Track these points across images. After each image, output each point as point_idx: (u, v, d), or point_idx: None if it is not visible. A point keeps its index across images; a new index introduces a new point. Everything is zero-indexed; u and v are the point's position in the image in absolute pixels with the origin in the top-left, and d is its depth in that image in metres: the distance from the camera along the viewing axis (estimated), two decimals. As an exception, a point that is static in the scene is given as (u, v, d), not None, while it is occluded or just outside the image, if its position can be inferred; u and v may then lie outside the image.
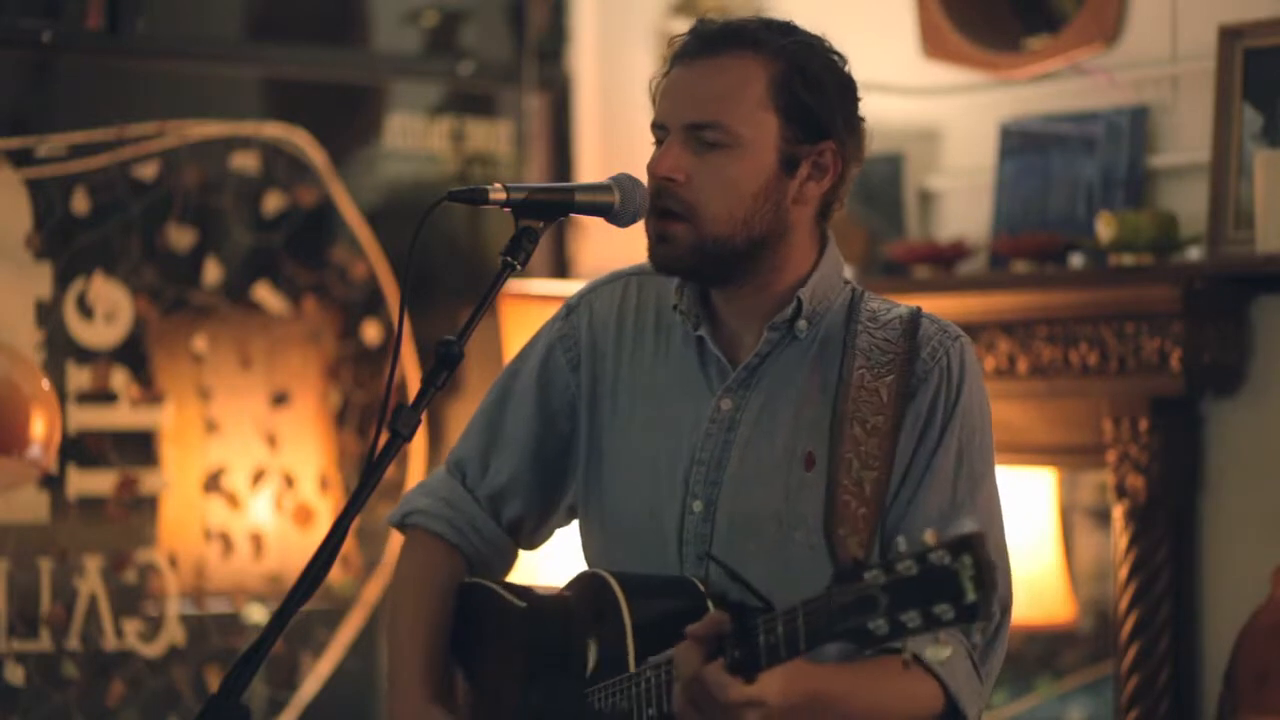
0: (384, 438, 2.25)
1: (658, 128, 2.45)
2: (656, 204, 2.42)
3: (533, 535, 2.70)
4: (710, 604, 2.37)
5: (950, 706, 2.36)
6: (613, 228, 2.44)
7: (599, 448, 2.57)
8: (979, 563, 1.95)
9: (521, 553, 2.73)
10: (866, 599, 2.02)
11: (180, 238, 4.44)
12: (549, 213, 2.38)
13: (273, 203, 4.57)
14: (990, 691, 2.43)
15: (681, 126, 2.42)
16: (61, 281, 4.28)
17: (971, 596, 1.95)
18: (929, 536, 1.99)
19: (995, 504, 2.45)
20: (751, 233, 2.42)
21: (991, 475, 2.46)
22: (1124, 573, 3.84)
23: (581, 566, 2.56)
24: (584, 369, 2.59)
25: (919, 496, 2.39)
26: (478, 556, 2.65)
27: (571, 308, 2.64)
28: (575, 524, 2.67)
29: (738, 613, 2.18)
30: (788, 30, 2.46)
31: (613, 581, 2.39)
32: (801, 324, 2.46)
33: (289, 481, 4.56)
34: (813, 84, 2.42)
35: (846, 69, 2.46)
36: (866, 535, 2.32)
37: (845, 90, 2.46)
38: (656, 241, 2.44)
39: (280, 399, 4.57)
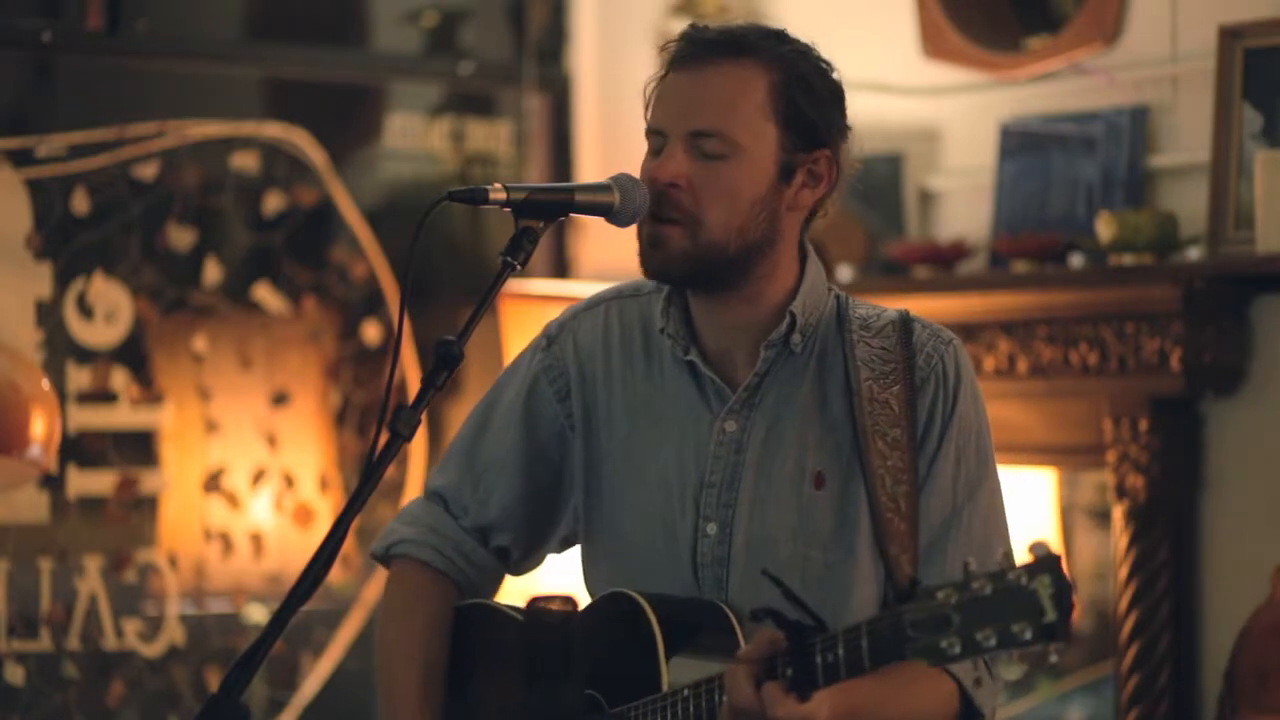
0: (384, 438, 2.24)
1: (655, 133, 2.44)
2: (654, 210, 2.40)
3: (520, 564, 2.67)
4: (737, 628, 2.37)
5: (966, 704, 2.37)
6: (613, 228, 2.43)
7: (598, 475, 2.55)
8: (1058, 582, 1.95)
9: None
10: (939, 618, 2.01)
11: (180, 238, 4.44)
12: (549, 213, 2.37)
13: (273, 203, 4.57)
14: (1001, 688, 2.44)
15: (682, 134, 2.41)
16: (61, 281, 4.28)
17: (1051, 616, 1.95)
18: (1001, 558, 1.99)
19: (997, 507, 2.46)
20: (745, 240, 2.41)
21: (991, 478, 2.46)
22: (1124, 573, 3.84)
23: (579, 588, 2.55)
24: (574, 399, 2.57)
25: (920, 503, 2.40)
26: (467, 583, 2.62)
27: (552, 338, 2.61)
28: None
29: (793, 632, 2.17)
30: (782, 38, 2.46)
31: (643, 602, 2.38)
32: (796, 339, 2.46)
33: (289, 481, 4.56)
34: (810, 92, 2.42)
35: (836, 76, 2.47)
36: (913, 552, 2.33)
37: (838, 98, 2.47)
38: (649, 246, 2.42)
39: (280, 399, 4.57)
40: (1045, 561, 1.97)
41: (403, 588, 2.62)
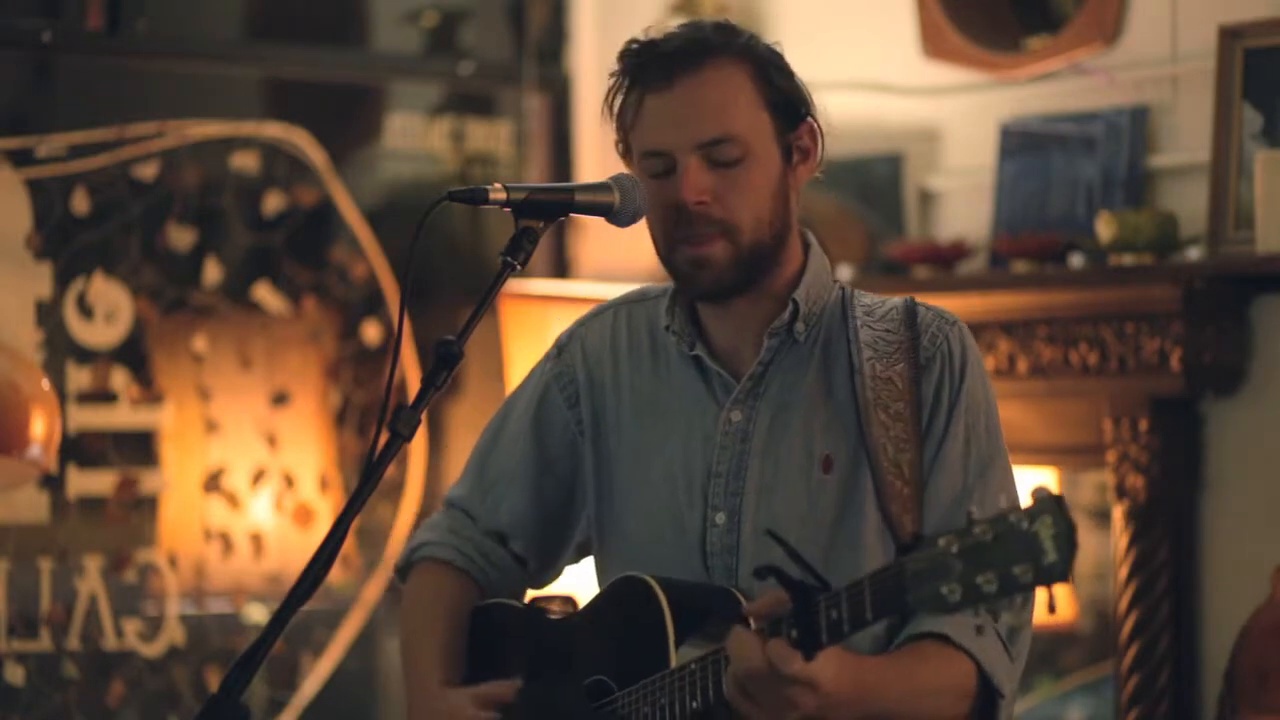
0: (384, 438, 2.25)
1: (655, 155, 2.44)
2: (685, 234, 2.41)
3: (538, 574, 2.69)
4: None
5: (984, 684, 2.35)
6: (613, 228, 2.44)
7: (609, 478, 2.56)
8: (1060, 523, 1.94)
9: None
10: (940, 565, 2.00)
11: (180, 238, 4.44)
12: (549, 213, 2.38)
13: (273, 203, 4.57)
14: (1020, 674, 2.42)
15: (693, 148, 2.41)
16: (61, 281, 4.28)
17: (1052, 556, 1.93)
18: (1004, 502, 1.97)
19: (1009, 485, 2.46)
20: (775, 230, 2.44)
21: (1001, 457, 2.46)
22: (1124, 573, 3.84)
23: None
24: (584, 404, 2.59)
25: (930, 483, 2.39)
26: (488, 582, 2.64)
27: (562, 346, 2.64)
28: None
29: (797, 591, 2.16)
30: (733, 29, 2.48)
31: (652, 583, 2.39)
32: (799, 327, 2.47)
33: (289, 481, 4.56)
34: (781, 71, 2.46)
35: (776, 45, 2.49)
36: (915, 512, 2.32)
37: (791, 69, 2.49)
38: (693, 269, 2.43)
39: (280, 399, 4.57)
40: (1046, 503, 1.95)
41: (425, 579, 2.65)
